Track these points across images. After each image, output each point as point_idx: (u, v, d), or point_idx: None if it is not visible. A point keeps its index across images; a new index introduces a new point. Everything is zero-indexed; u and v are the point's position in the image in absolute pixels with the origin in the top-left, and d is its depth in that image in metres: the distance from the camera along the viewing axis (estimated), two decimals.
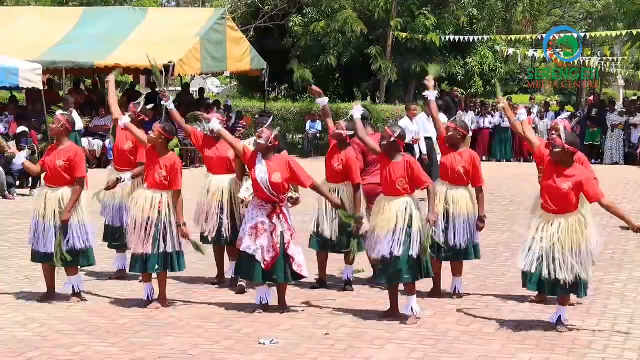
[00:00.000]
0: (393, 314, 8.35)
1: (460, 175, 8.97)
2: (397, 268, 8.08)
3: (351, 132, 9.21)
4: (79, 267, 8.93)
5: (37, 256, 8.84)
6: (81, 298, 8.89)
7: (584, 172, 7.97)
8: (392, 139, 8.21)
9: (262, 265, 8.34)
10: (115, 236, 9.65)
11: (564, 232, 7.80)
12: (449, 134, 9.05)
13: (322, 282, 9.60)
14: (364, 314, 8.47)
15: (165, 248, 8.55)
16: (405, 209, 8.13)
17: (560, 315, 8.01)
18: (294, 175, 8.40)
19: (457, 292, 9.28)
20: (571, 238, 7.80)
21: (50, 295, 8.94)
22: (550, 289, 7.94)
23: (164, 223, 8.53)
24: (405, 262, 8.06)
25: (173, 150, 12.29)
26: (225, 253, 9.75)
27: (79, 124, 19.52)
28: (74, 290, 8.88)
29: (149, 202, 8.54)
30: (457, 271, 9.28)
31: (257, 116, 9.66)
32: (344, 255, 9.51)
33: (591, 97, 27.66)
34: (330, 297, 9.17)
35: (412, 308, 8.20)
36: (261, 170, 8.35)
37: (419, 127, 16.04)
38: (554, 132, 8.39)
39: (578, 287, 7.93)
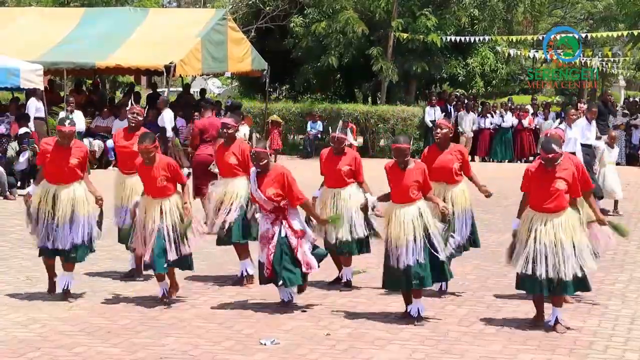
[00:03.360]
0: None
1: (456, 172, 9.09)
2: (420, 275, 8.04)
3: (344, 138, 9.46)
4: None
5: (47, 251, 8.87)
6: (71, 296, 8.96)
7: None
8: (410, 150, 8.23)
9: (265, 274, 8.51)
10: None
11: (562, 229, 7.85)
12: (444, 131, 9.12)
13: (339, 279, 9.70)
14: (365, 314, 8.48)
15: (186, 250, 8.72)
16: (420, 215, 8.12)
17: (557, 316, 8.02)
18: (288, 191, 8.45)
19: (443, 290, 9.29)
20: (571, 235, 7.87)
21: (53, 288, 9.04)
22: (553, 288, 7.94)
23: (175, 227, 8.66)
24: (427, 267, 8.07)
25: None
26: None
27: (81, 125, 19.56)
28: (67, 287, 8.92)
29: (157, 210, 8.62)
30: None
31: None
32: (343, 257, 9.54)
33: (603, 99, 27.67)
34: (330, 298, 9.17)
35: (418, 310, 8.21)
36: (254, 189, 8.50)
37: (579, 133, 14.29)
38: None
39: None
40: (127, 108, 9.98)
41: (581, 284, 8.03)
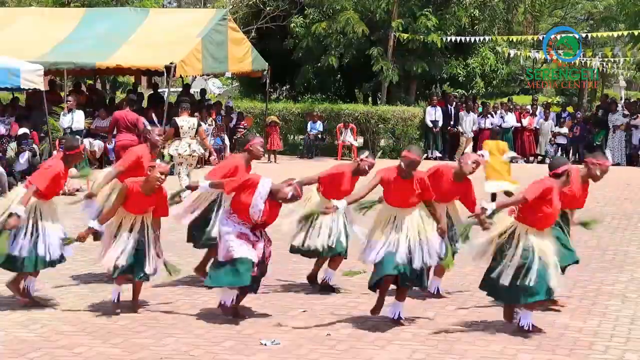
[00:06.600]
0: (376, 312, 8.26)
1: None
2: (418, 275, 8.06)
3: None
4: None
5: (31, 263, 8.51)
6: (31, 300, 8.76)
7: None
8: (418, 163, 8.11)
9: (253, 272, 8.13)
10: None
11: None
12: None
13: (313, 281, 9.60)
14: (366, 314, 8.47)
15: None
16: (421, 219, 8.14)
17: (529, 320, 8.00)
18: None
19: (436, 292, 9.29)
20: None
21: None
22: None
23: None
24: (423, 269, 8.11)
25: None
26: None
27: (80, 125, 19.58)
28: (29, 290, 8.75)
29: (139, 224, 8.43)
30: (438, 273, 9.29)
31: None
32: (328, 260, 9.45)
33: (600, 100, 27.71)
34: (331, 298, 9.17)
35: (399, 313, 8.19)
36: (262, 198, 8.09)
37: None
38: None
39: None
40: (150, 129, 9.86)
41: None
